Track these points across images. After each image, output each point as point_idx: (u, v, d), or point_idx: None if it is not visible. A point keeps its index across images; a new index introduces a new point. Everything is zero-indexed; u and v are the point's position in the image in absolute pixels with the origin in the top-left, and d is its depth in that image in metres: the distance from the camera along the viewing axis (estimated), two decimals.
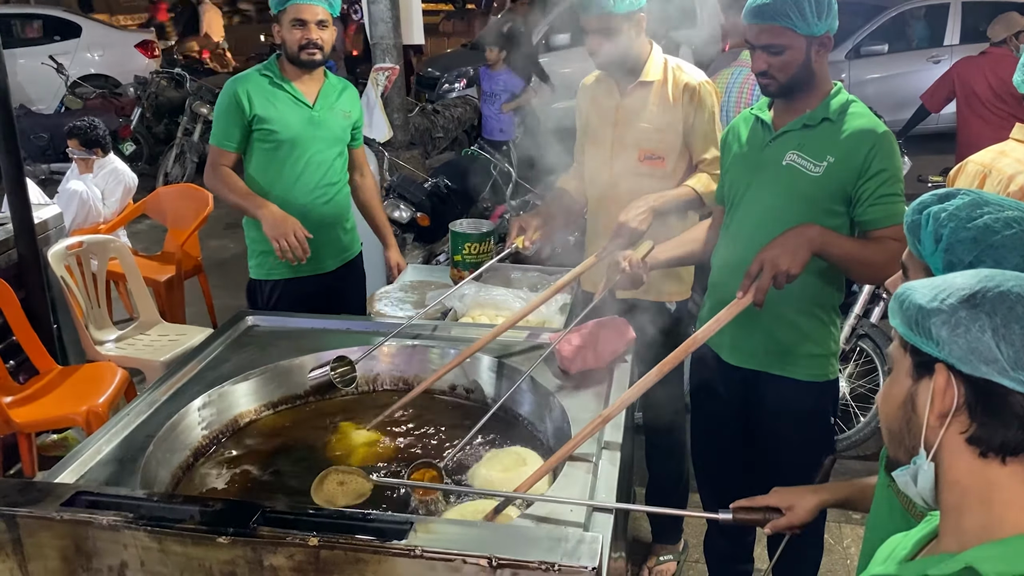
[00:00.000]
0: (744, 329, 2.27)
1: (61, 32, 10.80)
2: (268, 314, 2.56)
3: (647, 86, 2.72)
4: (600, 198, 2.88)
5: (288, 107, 3.01)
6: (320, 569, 1.37)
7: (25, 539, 1.48)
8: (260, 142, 3.01)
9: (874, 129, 2.14)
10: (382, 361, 2.32)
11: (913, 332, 0.98)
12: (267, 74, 3.03)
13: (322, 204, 3.10)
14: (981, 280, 0.96)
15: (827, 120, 2.18)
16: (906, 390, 1.00)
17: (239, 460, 2.03)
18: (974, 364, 0.92)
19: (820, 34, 2.14)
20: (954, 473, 0.96)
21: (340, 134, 3.15)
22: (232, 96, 2.97)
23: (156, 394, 2.09)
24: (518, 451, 1.96)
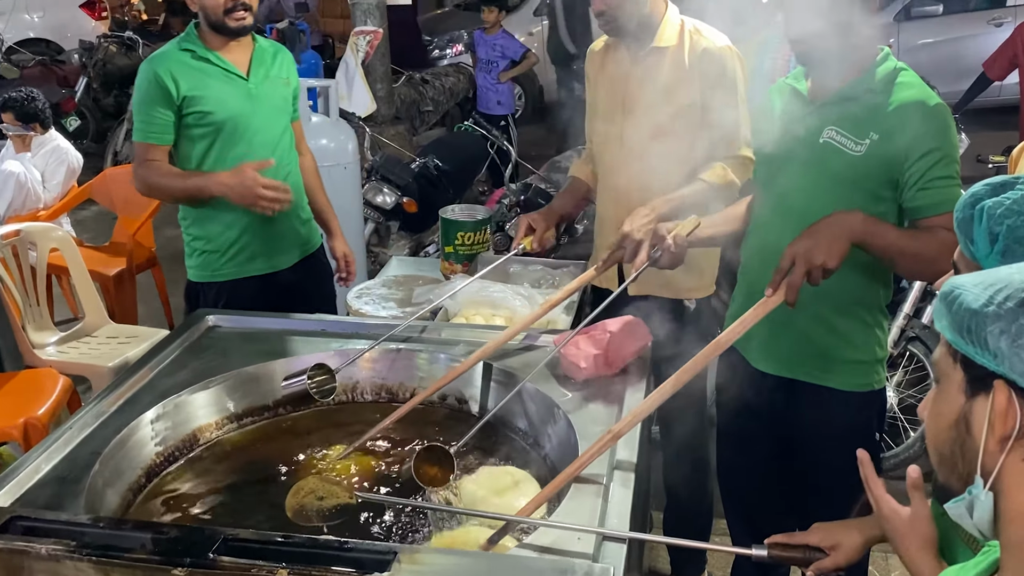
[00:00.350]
0: (776, 331, 2.26)
1: None
2: (232, 314, 2.55)
3: (661, 52, 2.71)
4: (609, 180, 2.87)
5: (220, 83, 2.91)
6: None
7: None
8: (193, 128, 2.90)
9: (925, 101, 2.13)
10: (362, 367, 2.32)
11: (965, 340, 0.95)
12: (188, 48, 2.91)
13: None
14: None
15: (871, 91, 2.17)
16: (958, 408, 0.98)
17: (198, 480, 2.02)
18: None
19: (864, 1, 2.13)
20: (1018, 505, 0.95)
21: (282, 105, 3.08)
22: (153, 79, 2.84)
23: (103, 405, 2.08)
24: (510, 471, 1.96)
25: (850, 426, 2.35)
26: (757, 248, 2.37)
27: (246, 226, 2.96)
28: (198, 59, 2.90)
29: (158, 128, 2.86)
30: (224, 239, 2.98)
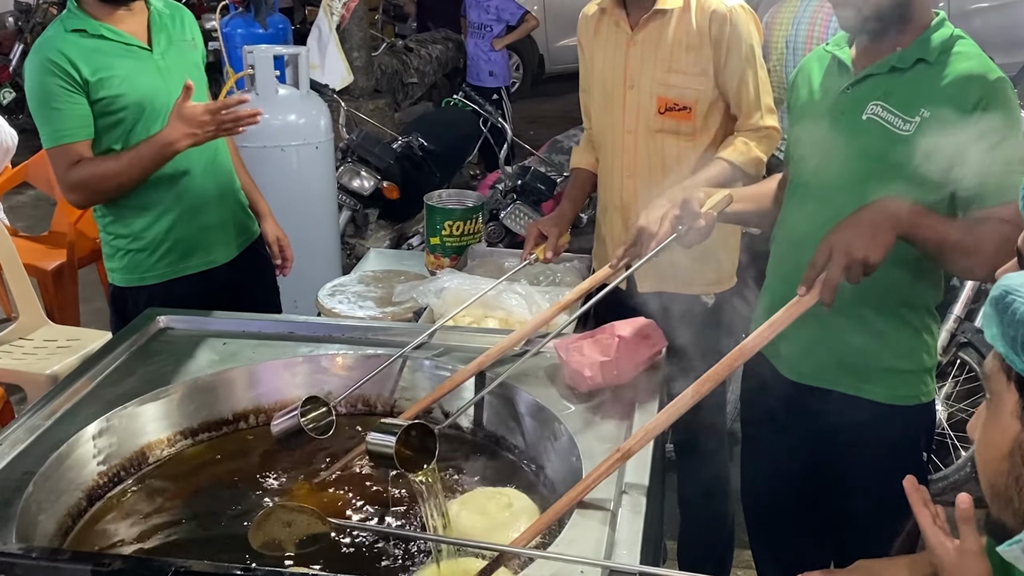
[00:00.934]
0: (809, 336, 2.26)
1: None
2: (186, 314, 2.54)
3: (665, 15, 2.72)
4: (611, 162, 2.88)
5: (123, 60, 2.82)
6: None
7: None
8: (102, 116, 2.80)
9: (985, 75, 2.12)
10: (335, 373, 2.31)
11: (1021, 357, 0.94)
12: (77, 28, 2.79)
13: (200, 176, 2.96)
14: None
15: (923, 62, 2.17)
16: (1013, 435, 0.97)
17: (147, 504, 2.01)
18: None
19: None
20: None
21: (195, 72, 2.98)
22: (52, 67, 2.71)
23: (39, 417, 2.07)
24: (506, 493, 1.95)
25: (893, 444, 2.35)
26: (789, 239, 2.36)
27: (177, 217, 2.93)
28: (91, 37, 2.79)
29: (75, 122, 2.76)
30: (153, 235, 2.93)
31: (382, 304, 3.06)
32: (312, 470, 2.13)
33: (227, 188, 3.06)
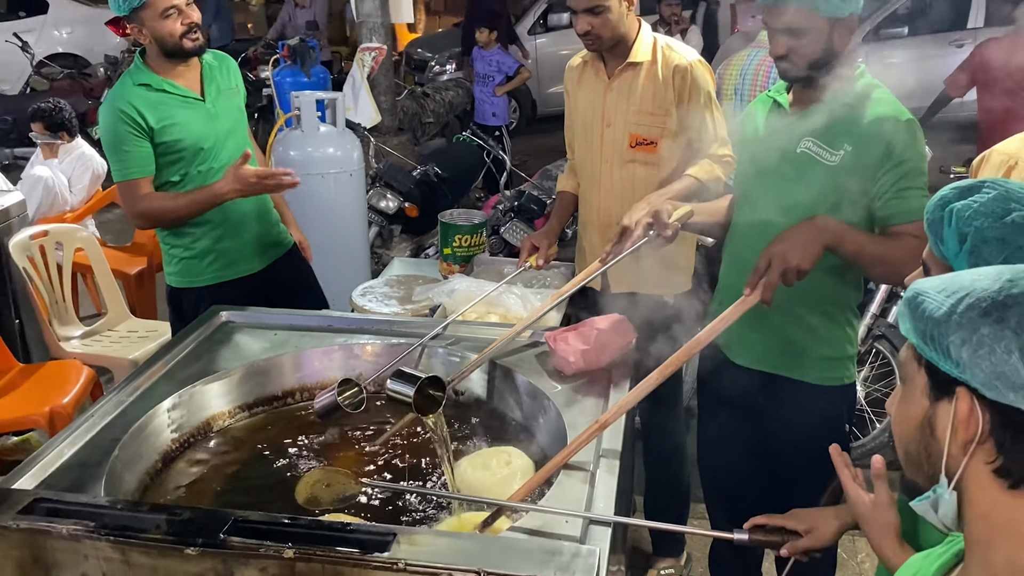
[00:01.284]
0: (754, 329, 2.26)
1: (27, 7, 10.74)
2: (243, 310, 2.53)
3: (636, 67, 2.72)
4: (590, 186, 2.88)
5: (182, 110, 2.80)
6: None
7: None
8: (165, 155, 2.78)
9: (897, 116, 2.12)
10: (365, 359, 2.30)
11: (928, 347, 0.93)
12: (142, 83, 2.77)
13: (242, 200, 2.89)
14: (1004, 285, 0.91)
15: (847, 105, 2.16)
16: (923, 411, 0.96)
17: (211, 465, 2.01)
18: (1000, 390, 0.88)
19: (845, 16, 2.11)
20: (980, 506, 0.93)
21: (238, 116, 3.01)
22: (121, 118, 2.70)
23: (123, 394, 2.07)
24: (506, 451, 1.95)
25: (822, 417, 2.35)
26: (737, 250, 2.36)
27: (223, 232, 2.91)
28: (155, 91, 2.77)
29: (139, 162, 2.74)
30: (202, 246, 2.91)
31: (404, 302, 3.05)
32: (347, 439, 2.12)
33: (263, 209, 3.04)
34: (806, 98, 2.23)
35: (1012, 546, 0.92)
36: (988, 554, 0.94)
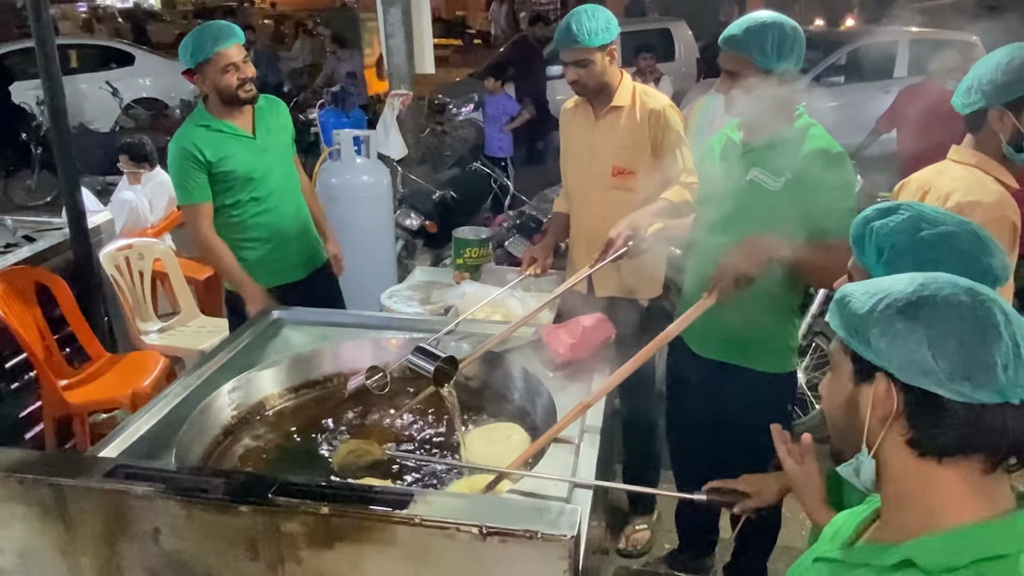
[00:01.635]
0: (713, 325, 2.25)
1: (117, 61, 10.80)
2: (290, 309, 2.54)
3: (618, 110, 2.72)
4: (579, 207, 2.88)
5: (235, 146, 2.80)
6: (331, 535, 1.36)
7: (71, 506, 1.47)
8: (221, 183, 2.80)
9: (829, 149, 2.12)
10: (390, 350, 2.30)
11: (853, 339, 0.93)
12: (202, 124, 2.78)
13: (286, 220, 2.93)
14: (917, 288, 0.91)
15: (789, 141, 2.16)
16: (848, 392, 0.96)
17: (264, 438, 2.01)
18: (912, 375, 0.88)
19: (779, 71, 2.10)
20: (894, 471, 0.94)
21: (285, 152, 2.97)
22: (184, 154, 2.72)
23: (191, 379, 2.08)
24: (507, 426, 1.95)
25: (769, 399, 2.35)
26: (698, 261, 2.35)
27: (270, 248, 2.92)
28: (212, 131, 2.78)
29: (199, 190, 2.76)
30: (253, 258, 2.90)
31: (423, 303, 3.06)
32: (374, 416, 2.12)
33: (304, 230, 3.02)
34: (754, 136, 2.23)
35: (920, 506, 0.92)
36: (900, 513, 0.95)
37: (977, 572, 0.86)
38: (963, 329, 0.87)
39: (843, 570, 0.99)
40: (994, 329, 0.87)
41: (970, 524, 0.89)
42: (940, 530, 0.90)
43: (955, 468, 0.90)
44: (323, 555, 1.37)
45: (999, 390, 0.86)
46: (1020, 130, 1.91)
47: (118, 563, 1.48)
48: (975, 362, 0.86)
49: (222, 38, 2.69)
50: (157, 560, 1.45)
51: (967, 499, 0.90)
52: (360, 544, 1.35)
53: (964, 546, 0.88)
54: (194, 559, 1.44)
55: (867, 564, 0.95)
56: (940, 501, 0.91)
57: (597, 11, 2.60)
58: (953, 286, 0.91)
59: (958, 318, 0.88)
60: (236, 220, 2.86)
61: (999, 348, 0.86)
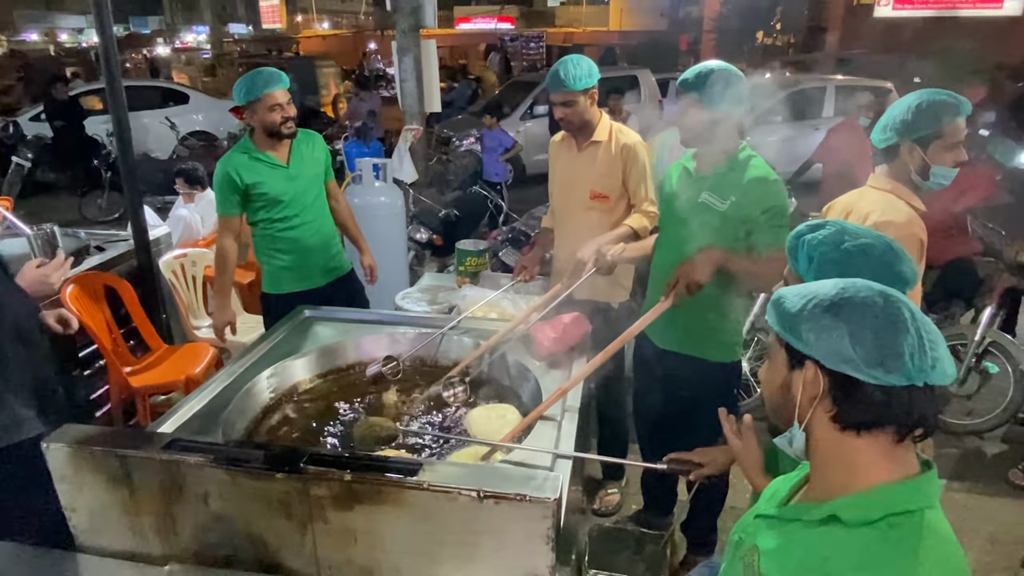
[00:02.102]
0: (672, 322, 2.26)
1: (174, 99, 10.75)
2: (319, 308, 2.53)
3: (597, 144, 2.72)
4: (562, 224, 2.88)
5: (269, 172, 2.80)
6: (352, 498, 1.35)
7: (134, 474, 1.46)
8: (255, 202, 2.82)
9: (767, 176, 2.12)
10: (403, 343, 2.30)
11: (787, 332, 0.94)
12: (244, 152, 2.79)
13: (310, 236, 2.91)
14: (839, 291, 0.92)
15: (733, 169, 2.17)
16: (783, 377, 0.97)
17: (297, 416, 2.00)
18: (835, 362, 0.89)
19: (724, 110, 2.11)
20: (821, 441, 0.94)
21: (314, 180, 2.93)
22: (225, 175, 2.75)
23: (235, 367, 2.06)
24: (503, 407, 1.95)
25: (719, 384, 2.35)
26: (658, 270, 2.36)
27: (297, 257, 2.91)
28: (252, 159, 2.78)
29: (232, 206, 2.80)
30: (282, 264, 2.92)
31: (431, 304, 3.05)
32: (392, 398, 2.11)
33: (322, 244, 2.97)
34: (705, 164, 2.23)
35: (843, 470, 0.93)
36: (826, 477, 0.96)
37: (889, 524, 0.87)
38: (877, 324, 0.88)
39: (779, 524, 1.00)
40: (902, 324, 0.88)
41: (883, 484, 0.90)
42: (858, 490, 0.90)
43: (871, 439, 0.91)
44: (345, 515, 1.37)
45: (906, 374, 0.87)
46: (926, 161, 1.92)
47: (173, 521, 1.47)
48: (887, 351, 0.87)
49: (272, 82, 2.72)
50: (206, 519, 1.44)
51: (880, 464, 0.91)
52: (377, 506, 1.34)
53: (878, 503, 0.88)
54: (237, 518, 1.43)
55: (799, 519, 0.96)
56: (858, 466, 0.92)
57: (581, 60, 2.61)
58: (869, 289, 0.92)
59: (873, 315, 0.89)
60: (268, 233, 2.87)
61: (906, 340, 0.87)
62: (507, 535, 1.31)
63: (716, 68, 2.10)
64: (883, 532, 0.86)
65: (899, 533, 0.85)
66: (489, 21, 27.20)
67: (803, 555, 0.91)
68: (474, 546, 1.33)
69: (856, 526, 0.87)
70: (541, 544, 1.30)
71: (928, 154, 1.92)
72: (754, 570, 0.96)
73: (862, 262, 1.19)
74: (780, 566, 0.93)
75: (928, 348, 0.87)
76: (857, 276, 1.16)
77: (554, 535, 1.29)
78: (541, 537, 1.29)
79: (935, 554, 0.84)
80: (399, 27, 6.19)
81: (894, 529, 0.86)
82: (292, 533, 1.40)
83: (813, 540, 0.91)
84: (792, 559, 0.92)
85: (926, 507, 0.87)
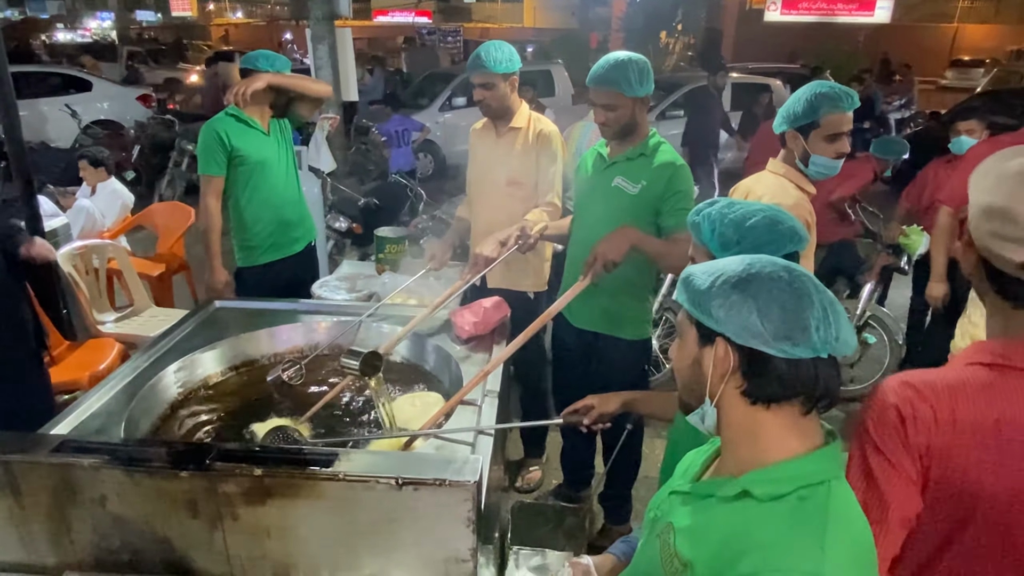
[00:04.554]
0: (587, 303, 2.25)
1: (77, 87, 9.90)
2: (230, 299, 2.36)
3: (516, 130, 2.67)
4: (480, 209, 2.82)
5: (253, 137, 2.84)
6: (264, 493, 1.25)
7: (20, 480, 1.30)
8: (238, 166, 2.83)
9: (675, 161, 2.14)
10: (320, 332, 2.17)
11: (697, 310, 0.91)
12: (232, 114, 2.82)
13: (289, 201, 2.98)
14: (746, 267, 0.90)
15: (644, 155, 2.18)
16: (694, 354, 0.94)
17: (207, 411, 1.84)
18: (745, 337, 0.87)
19: (642, 95, 2.12)
20: (731, 416, 0.93)
21: (288, 150, 3.02)
22: (213, 134, 2.77)
23: (139, 361, 1.89)
24: (427, 394, 1.87)
25: (631, 360, 2.37)
26: (575, 250, 2.35)
27: (275, 228, 2.95)
28: (240, 122, 2.82)
29: (217, 165, 2.79)
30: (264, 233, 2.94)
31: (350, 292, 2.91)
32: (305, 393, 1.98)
33: (302, 213, 3.08)
34: (618, 150, 2.23)
35: (753, 445, 0.92)
36: (737, 451, 0.94)
37: (799, 497, 0.86)
38: (784, 298, 0.87)
39: (693, 500, 0.98)
40: (808, 298, 0.87)
41: (792, 458, 0.89)
42: (768, 464, 0.89)
43: (779, 412, 0.90)
44: (258, 511, 1.26)
45: (812, 347, 0.86)
46: (807, 150, 1.96)
47: (68, 529, 1.32)
48: (794, 325, 0.86)
49: (279, 64, 2.86)
50: (104, 524, 1.30)
51: (788, 438, 0.90)
52: (291, 499, 1.25)
53: (788, 477, 0.87)
54: (139, 521, 1.29)
55: (712, 495, 0.94)
56: (768, 439, 0.90)
57: (503, 45, 2.56)
58: (774, 264, 0.90)
59: (779, 290, 0.87)
60: (248, 202, 2.88)
61: (812, 313, 0.86)
62: (428, 520, 1.25)
63: (626, 58, 2.10)
64: (793, 505, 0.85)
65: (808, 505, 0.85)
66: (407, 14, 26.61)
67: (718, 532, 0.89)
68: (395, 533, 1.26)
69: (767, 500, 0.86)
70: (462, 527, 1.24)
71: (808, 143, 1.96)
72: (669, 548, 0.94)
73: (759, 222, 1.24)
74: (694, 543, 0.91)
75: (832, 321, 0.87)
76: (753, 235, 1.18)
77: (475, 517, 1.24)
78: (462, 520, 1.24)
79: (841, 523, 0.84)
80: (314, 14, 5.91)
81: (803, 502, 0.85)
82: (200, 533, 1.28)
83: (726, 516, 0.89)
84: (705, 536, 0.90)
85: (831, 478, 0.87)
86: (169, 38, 21.12)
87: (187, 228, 4.54)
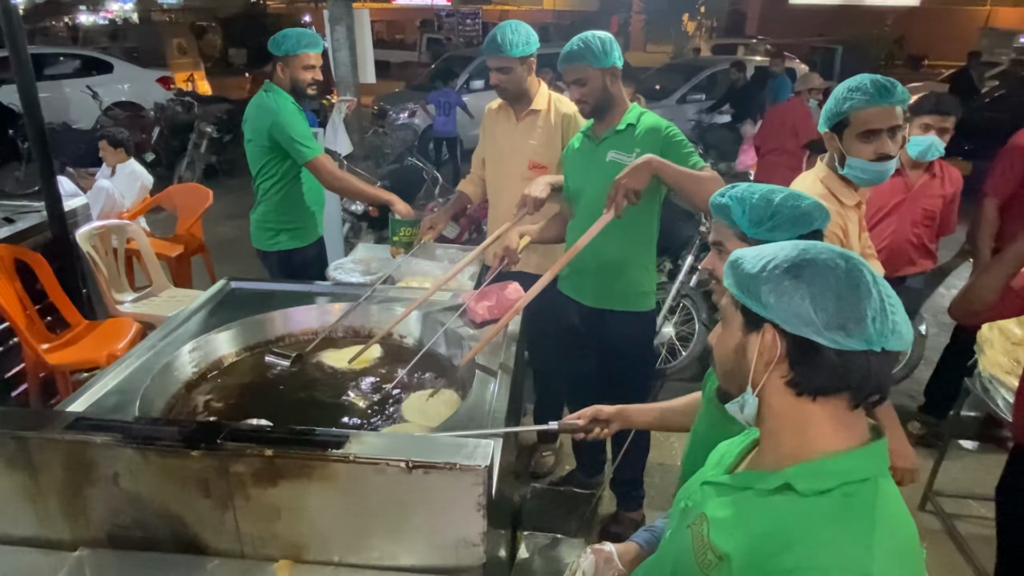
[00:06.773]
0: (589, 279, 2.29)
1: (98, 69, 9.98)
2: (245, 280, 2.36)
3: (536, 113, 2.63)
4: (498, 194, 2.79)
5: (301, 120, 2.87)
6: (275, 474, 1.25)
7: (36, 456, 1.31)
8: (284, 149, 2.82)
9: (661, 123, 2.15)
10: (334, 313, 2.17)
11: (745, 295, 0.88)
12: (289, 100, 2.82)
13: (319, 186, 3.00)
14: (800, 252, 0.87)
15: (631, 125, 2.19)
16: (738, 340, 0.91)
17: (220, 391, 1.86)
18: (795, 325, 0.84)
19: (609, 65, 2.11)
20: (775, 407, 0.89)
21: None
22: (302, 118, 2.79)
23: (155, 340, 1.90)
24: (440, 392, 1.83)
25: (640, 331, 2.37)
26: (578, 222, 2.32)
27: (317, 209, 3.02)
28: (295, 106, 2.85)
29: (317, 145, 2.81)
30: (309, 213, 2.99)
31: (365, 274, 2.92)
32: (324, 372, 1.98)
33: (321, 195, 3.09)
34: (603, 127, 2.24)
35: (796, 437, 0.89)
36: (779, 444, 0.91)
37: (844, 493, 0.83)
38: (840, 287, 0.83)
39: (730, 491, 0.95)
40: (865, 287, 0.84)
41: (837, 453, 0.86)
42: (812, 458, 0.86)
43: (825, 405, 0.87)
44: (269, 491, 1.26)
45: (867, 339, 0.83)
46: (841, 151, 1.82)
47: (82, 505, 1.33)
48: (849, 315, 0.82)
49: (312, 44, 2.77)
50: (118, 501, 1.31)
51: (835, 432, 0.87)
52: (302, 480, 1.24)
53: (833, 472, 0.85)
54: (152, 499, 1.30)
55: (751, 487, 0.91)
56: (811, 433, 0.88)
57: (520, 26, 2.52)
58: (830, 251, 0.87)
59: (835, 277, 0.84)
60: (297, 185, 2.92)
61: (869, 303, 0.83)
62: (438, 504, 1.24)
63: (590, 34, 2.12)
64: (839, 502, 0.82)
65: (854, 503, 0.82)
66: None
67: (758, 525, 0.86)
68: (405, 516, 1.25)
69: (811, 495, 0.84)
70: (473, 511, 1.23)
71: (843, 143, 1.80)
72: (703, 539, 0.92)
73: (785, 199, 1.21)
74: (731, 535, 0.88)
75: (889, 312, 0.83)
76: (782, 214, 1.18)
77: (486, 501, 1.23)
78: (473, 504, 1.23)
79: (889, 523, 0.81)
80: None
81: (849, 499, 0.82)
82: (212, 511, 1.29)
83: (766, 509, 0.87)
84: (744, 528, 0.87)
85: (879, 475, 0.85)
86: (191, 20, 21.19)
87: (205, 209, 4.56)
